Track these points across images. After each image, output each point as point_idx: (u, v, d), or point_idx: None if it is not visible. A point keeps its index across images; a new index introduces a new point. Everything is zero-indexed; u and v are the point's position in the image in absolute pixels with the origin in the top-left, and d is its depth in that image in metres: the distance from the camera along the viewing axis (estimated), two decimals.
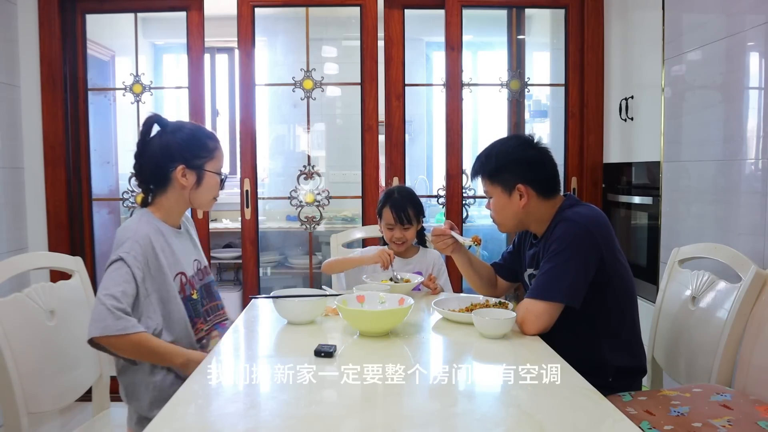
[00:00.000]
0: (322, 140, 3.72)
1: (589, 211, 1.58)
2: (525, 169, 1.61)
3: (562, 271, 1.48)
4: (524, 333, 1.48)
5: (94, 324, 1.38)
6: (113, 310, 1.38)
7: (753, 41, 1.74)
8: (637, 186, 2.57)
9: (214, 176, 1.65)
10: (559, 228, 1.54)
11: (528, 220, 1.65)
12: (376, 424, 1.01)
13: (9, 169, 2.64)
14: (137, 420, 1.54)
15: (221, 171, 1.68)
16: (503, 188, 1.62)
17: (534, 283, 1.54)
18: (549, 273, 1.50)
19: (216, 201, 1.71)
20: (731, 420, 1.28)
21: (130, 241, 1.49)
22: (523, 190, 1.59)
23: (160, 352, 1.46)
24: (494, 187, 1.64)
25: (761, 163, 1.71)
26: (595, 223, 1.53)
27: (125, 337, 1.39)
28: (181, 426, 0.97)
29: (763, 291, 1.49)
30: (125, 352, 1.45)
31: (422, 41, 3.96)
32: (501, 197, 1.63)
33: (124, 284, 1.43)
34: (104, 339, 1.39)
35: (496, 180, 1.63)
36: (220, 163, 1.68)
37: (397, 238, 2.06)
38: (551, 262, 1.51)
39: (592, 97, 2.83)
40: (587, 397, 1.09)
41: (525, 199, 1.60)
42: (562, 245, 1.50)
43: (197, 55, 2.83)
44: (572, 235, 1.50)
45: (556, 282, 1.47)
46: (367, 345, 1.40)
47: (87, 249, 2.91)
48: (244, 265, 2.89)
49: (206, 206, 1.70)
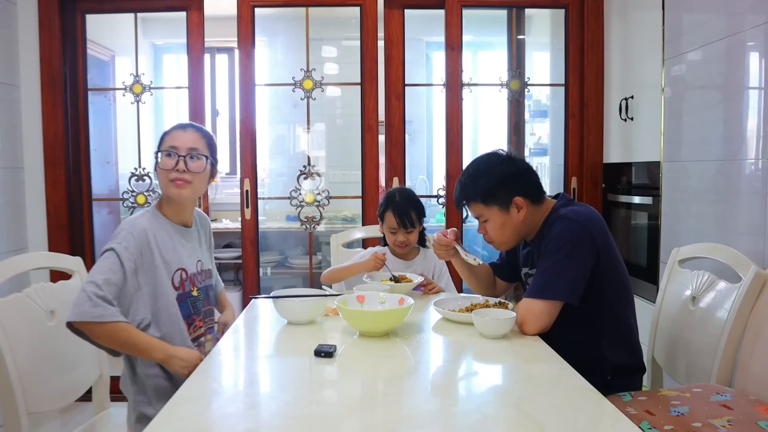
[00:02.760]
0: (322, 140, 3.72)
1: (584, 209, 1.59)
2: (516, 181, 1.60)
3: (561, 269, 1.48)
4: (525, 333, 1.48)
5: (72, 309, 1.39)
6: (92, 297, 1.38)
7: (753, 41, 1.74)
8: (637, 186, 2.57)
9: (162, 156, 1.58)
10: (556, 226, 1.53)
11: (526, 231, 1.65)
12: (376, 424, 1.01)
13: (9, 169, 2.64)
14: (137, 419, 1.55)
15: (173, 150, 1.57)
16: (500, 207, 1.60)
17: (532, 282, 1.54)
18: (547, 271, 1.49)
19: (178, 184, 1.57)
20: (731, 420, 1.28)
21: (125, 233, 1.50)
22: (521, 202, 1.59)
23: (139, 345, 1.45)
24: (490, 208, 1.61)
25: (761, 163, 1.71)
26: (591, 221, 1.53)
27: (102, 325, 1.39)
28: (181, 426, 0.97)
29: (763, 291, 1.49)
30: (102, 340, 1.44)
31: (422, 41, 3.96)
32: (499, 216, 1.61)
33: (109, 273, 1.43)
34: (81, 324, 1.40)
35: (491, 200, 1.60)
36: (171, 142, 1.59)
37: (400, 242, 2.06)
38: (549, 260, 1.50)
39: (592, 97, 2.83)
40: (587, 397, 1.09)
41: (524, 211, 1.60)
42: (559, 243, 1.50)
43: (197, 55, 2.83)
44: (569, 232, 1.50)
45: (555, 280, 1.47)
46: (367, 345, 1.40)
47: (87, 249, 2.91)
48: (244, 265, 2.89)
49: (166, 189, 1.59)
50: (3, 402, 1.40)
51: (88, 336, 1.44)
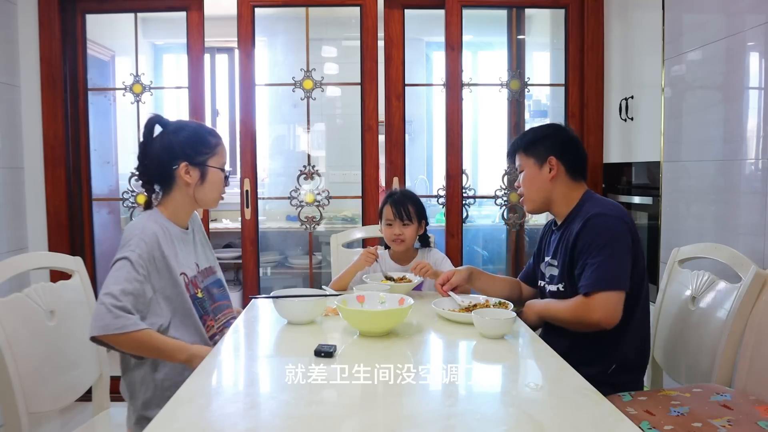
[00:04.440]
0: (322, 140, 3.72)
1: (615, 203, 1.68)
2: (558, 144, 1.71)
3: (617, 261, 1.53)
4: (606, 327, 1.50)
5: (93, 323, 1.39)
6: (111, 308, 1.38)
7: (753, 41, 1.74)
8: (637, 186, 2.57)
9: (217, 172, 1.65)
10: (598, 221, 1.57)
11: (553, 197, 1.71)
12: (376, 424, 1.01)
13: (9, 169, 2.64)
14: (136, 420, 1.55)
15: (224, 167, 1.69)
16: (536, 160, 1.71)
17: (592, 276, 1.53)
18: (605, 264, 1.52)
19: (222, 198, 1.71)
20: (731, 420, 1.28)
21: (137, 239, 1.50)
22: (554, 163, 1.69)
23: (163, 349, 1.46)
24: (527, 158, 1.73)
25: (761, 163, 1.71)
26: (625, 214, 1.63)
27: (126, 335, 1.39)
28: (181, 426, 0.97)
29: (763, 291, 1.49)
30: (127, 348, 1.45)
31: (422, 41, 3.96)
32: (532, 169, 1.72)
33: (125, 282, 1.43)
34: (104, 337, 1.40)
35: (531, 151, 1.72)
36: (223, 159, 1.68)
37: (395, 234, 2.04)
38: (601, 254, 1.53)
39: (592, 97, 2.83)
40: (587, 397, 1.09)
41: (554, 172, 1.68)
42: (608, 237, 1.55)
43: (197, 55, 2.83)
44: (613, 226, 1.57)
45: (617, 271, 1.52)
46: (367, 345, 1.40)
47: (87, 249, 2.91)
48: (244, 265, 2.89)
49: (212, 203, 1.69)
50: (3, 402, 1.40)
51: (112, 345, 1.45)
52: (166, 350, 1.46)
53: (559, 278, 1.68)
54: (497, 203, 2.93)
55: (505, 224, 3.01)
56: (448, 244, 2.87)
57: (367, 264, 2.00)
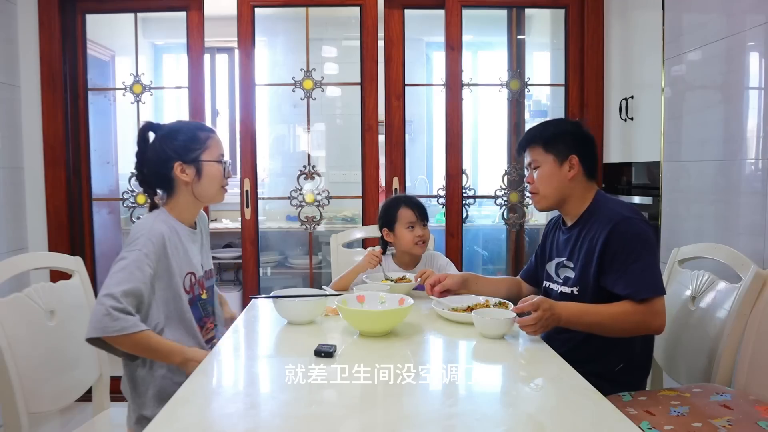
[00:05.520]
0: (322, 140, 3.72)
1: (631, 205, 1.68)
2: (580, 143, 1.67)
3: (653, 266, 1.52)
4: (657, 332, 1.52)
5: (91, 324, 1.38)
6: (111, 311, 1.37)
7: (753, 41, 1.74)
8: (637, 186, 2.57)
9: (213, 165, 1.63)
10: (629, 226, 1.53)
11: (568, 195, 1.67)
12: (376, 424, 1.01)
13: (9, 169, 2.64)
14: (136, 420, 1.55)
15: (221, 158, 1.66)
16: (555, 156, 1.66)
17: (634, 282, 1.49)
18: (650, 270, 1.50)
19: (226, 190, 1.68)
20: (731, 420, 1.28)
21: (144, 238, 1.49)
22: (575, 162, 1.65)
23: (159, 350, 1.46)
24: (547, 154, 1.67)
25: (761, 163, 1.71)
26: (644, 217, 1.62)
27: (125, 336, 1.39)
28: (181, 426, 0.97)
29: (763, 291, 1.49)
30: (124, 348, 1.45)
31: (422, 41, 3.96)
32: (551, 166, 1.66)
33: (127, 283, 1.42)
34: (103, 336, 1.39)
35: (551, 147, 1.67)
36: (218, 151, 1.65)
37: (418, 236, 2.01)
38: (643, 259, 1.50)
39: (592, 97, 2.83)
40: (587, 397, 1.09)
41: (574, 171, 1.64)
42: (639, 243, 1.52)
43: (197, 55, 2.83)
44: (645, 230, 1.55)
45: (656, 277, 1.51)
46: (367, 345, 1.40)
47: (87, 249, 2.91)
48: (244, 265, 2.89)
49: (214, 197, 1.67)
50: (3, 402, 1.40)
51: (107, 345, 1.44)
52: (162, 352, 1.46)
53: (575, 281, 1.63)
54: (497, 203, 2.93)
55: (505, 224, 3.01)
56: (448, 244, 2.87)
57: (370, 266, 1.99)
